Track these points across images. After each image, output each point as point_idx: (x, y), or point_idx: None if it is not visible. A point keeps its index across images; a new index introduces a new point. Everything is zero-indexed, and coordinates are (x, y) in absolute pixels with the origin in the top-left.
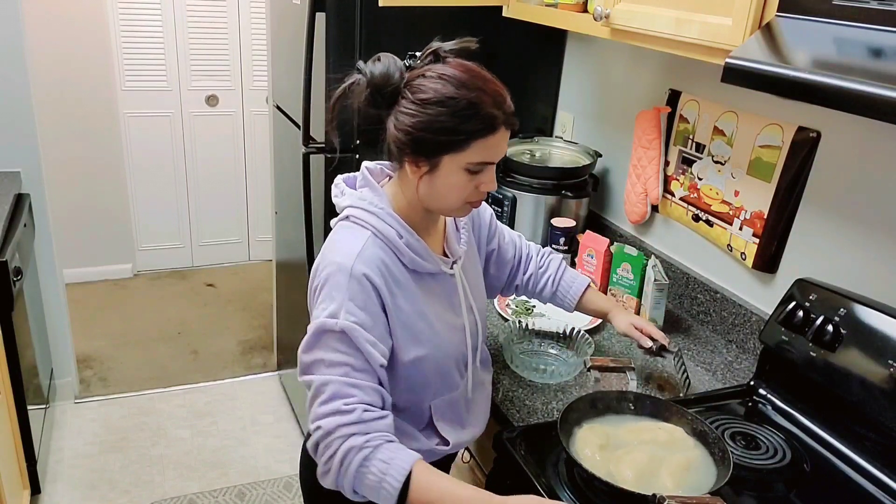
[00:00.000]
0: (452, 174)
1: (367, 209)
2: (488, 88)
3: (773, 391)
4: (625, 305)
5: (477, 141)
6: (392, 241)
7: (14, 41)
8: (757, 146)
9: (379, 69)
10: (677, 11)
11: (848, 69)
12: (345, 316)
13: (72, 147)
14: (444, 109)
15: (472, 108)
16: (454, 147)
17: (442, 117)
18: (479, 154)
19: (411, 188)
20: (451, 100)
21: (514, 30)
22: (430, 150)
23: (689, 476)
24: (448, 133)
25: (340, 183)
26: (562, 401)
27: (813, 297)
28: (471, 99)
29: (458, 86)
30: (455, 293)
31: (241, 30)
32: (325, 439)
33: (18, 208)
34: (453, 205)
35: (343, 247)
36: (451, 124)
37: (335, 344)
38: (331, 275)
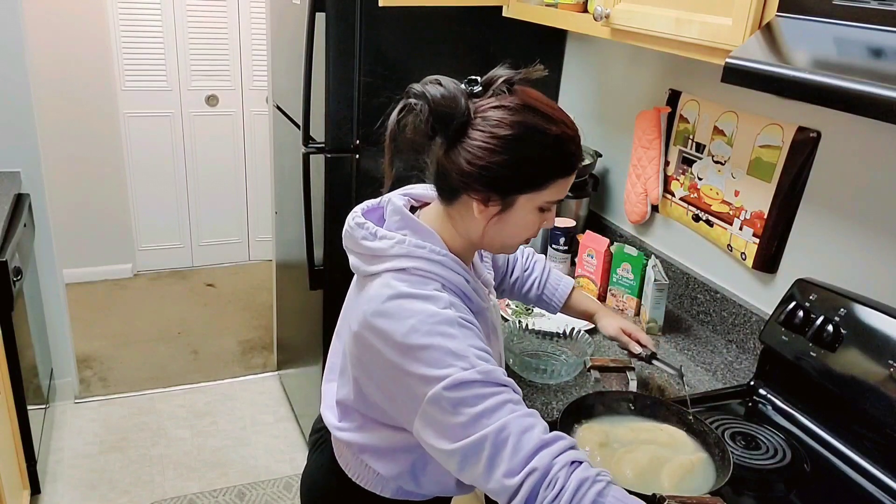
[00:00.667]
0: (527, 214)
1: (430, 258)
2: (569, 123)
3: (773, 391)
4: (625, 305)
5: (558, 180)
6: (462, 289)
7: (14, 41)
8: (757, 146)
9: (442, 93)
10: (677, 11)
11: (848, 69)
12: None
13: (72, 147)
14: (529, 145)
15: (558, 145)
16: (534, 186)
17: (526, 153)
18: (555, 193)
19: (474, 227)
20: (538, 134)
21: (514, 30)
22: (506, 188)
23: (690, 476)
24: (531, 171)
25: (368, 223)
26: (562, 401)
27: (813, 297)
28: (557, 135)
29: (542, 119)
30: (495, 323)
31: (241, 30)
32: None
33: (18, 208)
34: (514, 244)
35: (421, 304)
36: (534, 162)
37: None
38: (426, 332)
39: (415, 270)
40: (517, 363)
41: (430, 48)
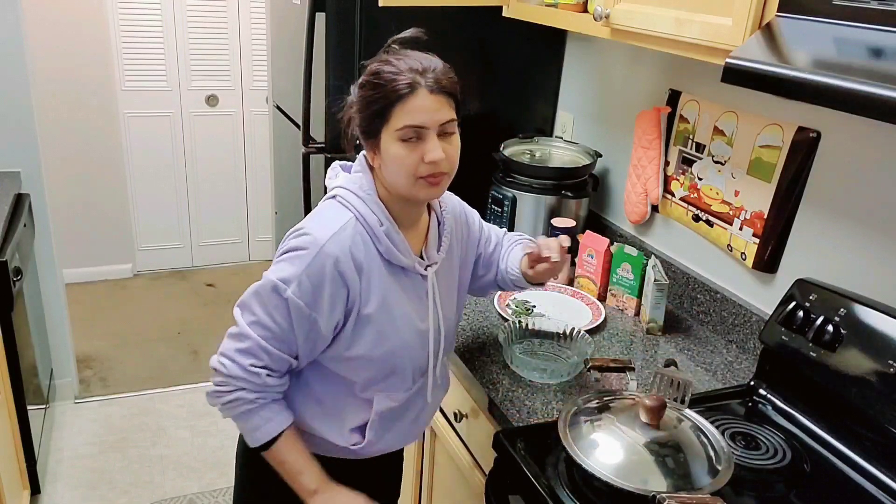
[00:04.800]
0: (391, 147)
1: (356, 192)
2: (410, 59)
3: (773, 391)
4: (625, 305)
5: (397, 106)
6: (372, 228)
7: (14, 41)
8: (757, 146)
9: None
10: (677, 11)
11: (848, 69)
12: (294, 289)
13: (72, 147)
14: (370, 85)
15: (390, 76)
16: (382, 118)
17: (369, 92)
18: (400, 118)
19: (379, 178)
20: (373, 76)
21: (514, 30)
22: (370, 130)
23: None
24: (373, 104)
25: (336, 166)
26: (562, 401)
27: (813, 298)
28: (390, 69)
29: (382, 62)
30: (425, 296)
31: (241, 30)
32: (224, 379)
33: (18, 208)
34: (406, 182)
35: (323, 221)
36: (372, 97)
37: (272, 307)
38: (301, 243)
39: (340, 199)
40: (517, 363)
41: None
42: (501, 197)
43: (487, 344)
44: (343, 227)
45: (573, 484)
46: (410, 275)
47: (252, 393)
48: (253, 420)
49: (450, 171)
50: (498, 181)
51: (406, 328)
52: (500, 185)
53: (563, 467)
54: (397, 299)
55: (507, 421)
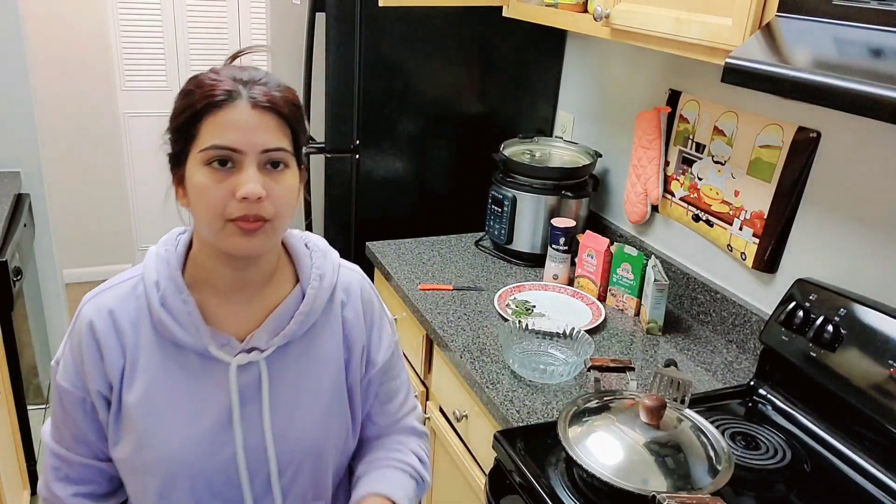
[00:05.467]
0: (195, 174)
1: (161, 245)
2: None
3: (773, 391)
4: (625, 305)
5: (206, 118)
6: (148, 291)
7: (14, 40)
8: (757, 146)
9: None
10: (677, 11)
11: (848, 69)
12: (62, 372)
13: (72, 147)
14: (180, 95)
15: (207, 81)
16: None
17: (177, 104)
18: (210, 134)
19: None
20: (189, 81)
21: (514, 30)
22: (176, 157)
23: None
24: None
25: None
26: (562, 401)
27: (813, 298)
28: (210, 76)
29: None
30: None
31: (241, 29)
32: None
33: (18, 208)
34: (212, 224)
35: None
36: (180, 108)
37: (56, 397)
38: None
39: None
40: (517, 363)
41: (430, 48)
42: (501, 197)
43: (487, 344)
44: (114, 286)
45: (573, 484)
46: (209, 361)
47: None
48: None
49: (274, 216)
50: (498, 181)
51: (183, 434)
52: (499, 185)
53: (563, 467)
54: (172, 390)
55: (508, 421)
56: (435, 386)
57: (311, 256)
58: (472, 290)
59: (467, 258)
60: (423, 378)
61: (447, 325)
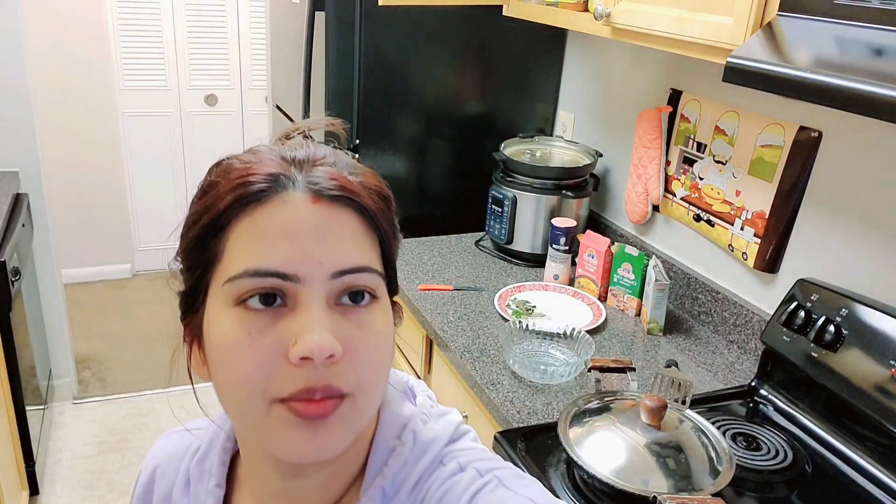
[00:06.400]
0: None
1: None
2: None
3: (774, 392)
4: (626, 306)
5: (234, 226)
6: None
7: (13, 40)
8: (758, 146)
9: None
10: (678, 10)
11: (849, 68)
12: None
13: (70, 147)
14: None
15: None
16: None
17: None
18: (244, 252)
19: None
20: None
21: (514, 29)
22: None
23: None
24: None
25: None
26: (562, 401)
27: (814, 298)
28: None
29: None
30: None
31: (241, 29)
32: None
33: (17, 208)
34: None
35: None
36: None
37: None
38: None
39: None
40: (517, 364)
41: (430, 48)
42: (501, 197)
43: (488, 344)
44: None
45: (574, 485)
46: None
47: None
48: None
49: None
50: (498, 181)
51: None
52: (500, 184)
53: (564, 468)
54: None
55: (508, 421)
56: (435, 386)
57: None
58: (472, 291)
59: (467, 258)
60: (423, 379)
61: (447, 326)
